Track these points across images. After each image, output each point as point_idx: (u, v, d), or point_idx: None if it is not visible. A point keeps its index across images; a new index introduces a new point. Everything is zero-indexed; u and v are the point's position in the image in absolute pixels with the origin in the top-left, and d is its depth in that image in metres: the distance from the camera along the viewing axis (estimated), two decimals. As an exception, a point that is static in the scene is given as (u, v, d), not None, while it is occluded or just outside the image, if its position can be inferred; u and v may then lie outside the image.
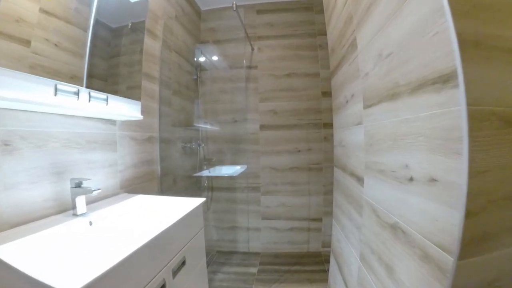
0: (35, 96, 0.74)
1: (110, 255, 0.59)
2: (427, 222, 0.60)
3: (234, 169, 2.22)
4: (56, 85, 0.81)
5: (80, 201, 0.95)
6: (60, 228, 0.81)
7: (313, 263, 2.24)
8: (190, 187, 2.15)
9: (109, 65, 1.13)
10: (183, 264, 0.93)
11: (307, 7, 2.35)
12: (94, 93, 0.99)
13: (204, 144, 2.33)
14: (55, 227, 0.80)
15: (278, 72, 2.36)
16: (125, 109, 1.15)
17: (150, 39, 1.58)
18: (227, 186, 2.45)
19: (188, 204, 1.08)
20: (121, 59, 1.23)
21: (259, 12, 2.40)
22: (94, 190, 0.92)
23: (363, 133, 1.02)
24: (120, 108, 1.12)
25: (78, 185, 0.96)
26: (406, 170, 0.70)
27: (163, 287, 0.78)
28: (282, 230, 2.42)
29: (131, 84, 1.28)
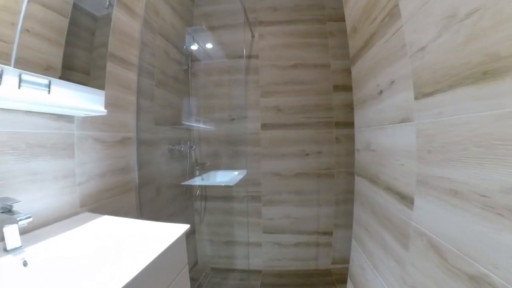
0: None
1: None
2: None
3: (231, 176, 1.94)
4: None
5: (10, 231, 0.67)
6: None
7: (323, 284, 2.01)
8: (179, 197, 1.86)
9: (93, 57, 0.99)
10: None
11: (316, -13, 2.08)
12: (28, 76, 0.70)
13: (194, 146, 2.04)
14: None
15: (282, 62, 2.08)
16: (79, 100, 0.86)
17: (126, 16, 1.29)
18: (223, 195, 2.17)
19: (167, 232, 0.79)
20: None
21: (260, -7, 2.12)
22: (21, 219, 0.63)
23: (414, 133, 0.73)
24: (72, 98, 0.83)
25: (7, 209, 0.68)
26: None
27: None
28: (287, 245, 2.15)
29: (93, 69, 0.99)
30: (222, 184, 2.01)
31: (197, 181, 1.87)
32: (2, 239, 0.67)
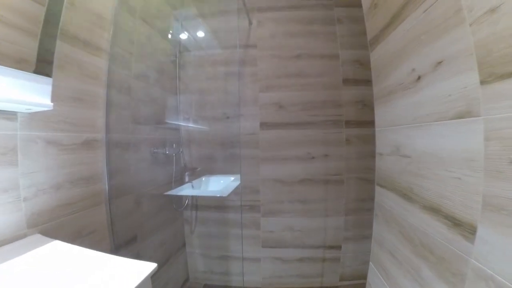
0: None
1: None
2: None
3: (225, 183, 1.72)
4: None
5: None
6: None
7: (330, 305, 1.77)
8: (165, 207, 1.64)
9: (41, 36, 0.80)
10: None
11: (322, -32, 1.86)
12: None
13: (182, 149, 1.81)
14: None
15: (284, 52, 1.86)
16: (11, 90, 0.64)
17: (93, -10, 1.08)
18: (216, 204, 1.95)
19: (127, 275, 0.57)
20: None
21: (259, -25, 1.90)
22: None
23: (480, 134, 0.52)
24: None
25: None
26: None
27: None
28: (289, 260, 1.93)
29: (40, 51, 0.77)
30: (213, 195, 1.79)
31: (186, 189, 1.65)
32: None
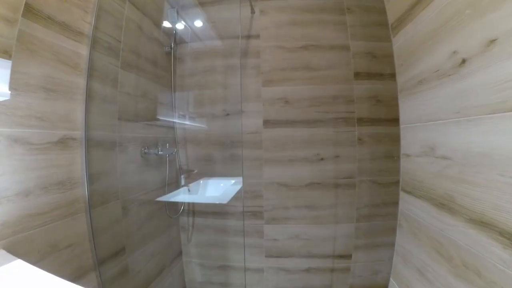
0: None
1: None
2: None
3: (225, 188, 1.58)
4: None
5: None
6: None
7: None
8: (157, 214, 1.51)
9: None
10: None
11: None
12: None
13: (176, 149, 1.68)
14: None
15: (290, 43, 1.73)
16: None
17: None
18: (215, 210, 1.82)
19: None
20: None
21: (262, -41, 1.77)
22: None
23: None
24: None
25: None
26: None
27: None
28: (295, 271, 1.80)
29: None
30: (212, 202, 1.65)
31: (181, 194, 1.51)
32: None
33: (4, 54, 0.64)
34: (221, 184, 1.74)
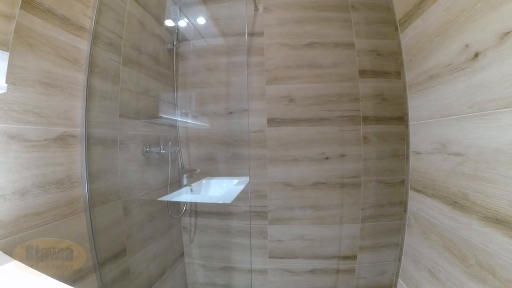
0: None
1: None
2: None
3: (228, 187, 1.54)
4: None
5: None
6: None
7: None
8: (159, 214, 1.47)
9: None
10: None
11: None
12: None
13: (179, 148, 1.64)
14: None
15: (294, 40, 1.69)
16: None
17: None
18: (218, 210, 1.78)
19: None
20: None
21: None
22: None
23: None
24: None
25: None
26: None
27: None
28: (299, 272, 1.76)
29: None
30: (215, 201, 1.61)
31: (183, 194, 1.47)
32: None
33: (1, 46, 0.61)
34: (224, 184, 1.71)
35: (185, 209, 1.74)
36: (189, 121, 1.71)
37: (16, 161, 0.74)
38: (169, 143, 1.53)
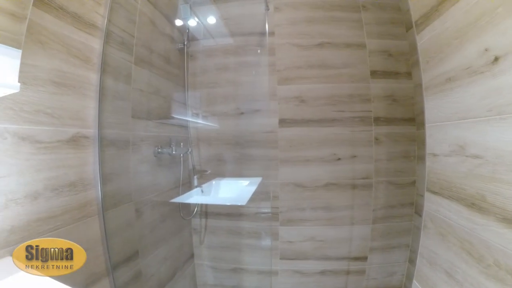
0: None
1: None
2: None
3: (240, 189, 1.49)
4: None
5: None
6: None
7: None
8: (170, 216, 1.42)
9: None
10: None
11: None
12: None
13: (191, 149, 1.58)
14: None
15: (305, 40, 1.64)
16: None
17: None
18: (228, 212, 1.73)
19: None
20: None
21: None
22: None
23: None
24: None
25: None
26: None
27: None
28: (310, 273, 1.71)
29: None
30: (231, 203, 1.56)
31: (194, 195, 1.42)
32: None
33: (13, 43, 0.56)
34: (234, 185, 1.66)
35: (196, 210, 1.69)
36: (200, 121, 1.66)
37: (28, 164, 0.69)
38: (181, 143, 1.48)
